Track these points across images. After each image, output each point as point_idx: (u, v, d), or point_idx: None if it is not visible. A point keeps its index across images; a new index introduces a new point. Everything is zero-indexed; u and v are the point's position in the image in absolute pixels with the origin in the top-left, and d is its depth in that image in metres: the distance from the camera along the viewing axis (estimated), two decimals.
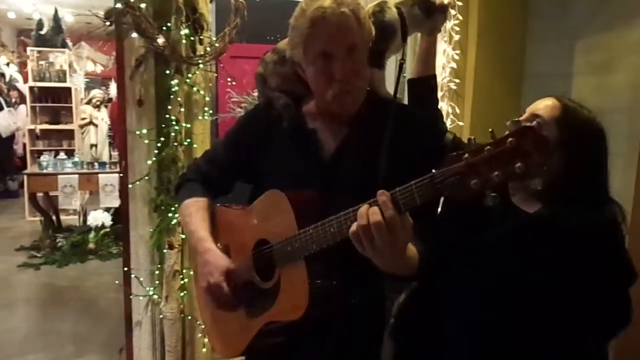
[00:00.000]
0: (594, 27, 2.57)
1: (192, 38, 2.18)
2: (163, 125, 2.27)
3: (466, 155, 0.79)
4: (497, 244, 1.22)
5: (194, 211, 1.26)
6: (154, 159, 2.28)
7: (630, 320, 1.21)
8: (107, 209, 5.15)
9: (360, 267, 0.99)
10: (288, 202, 1.08)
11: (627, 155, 2.19)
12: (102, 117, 5.75)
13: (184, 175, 1.40)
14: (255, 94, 2.79)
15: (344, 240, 0.94)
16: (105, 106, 5.85)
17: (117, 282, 2.51)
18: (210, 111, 2.42)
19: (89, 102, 5.76)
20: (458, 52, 2.84)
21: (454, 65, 2.84)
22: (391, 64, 1.46)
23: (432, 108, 1.53)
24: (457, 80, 2.86)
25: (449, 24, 2.81)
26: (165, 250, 2.32)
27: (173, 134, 2.25)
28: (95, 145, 5.57)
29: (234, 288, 1.14)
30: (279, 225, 1.09)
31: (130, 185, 2.29)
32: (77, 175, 4.92)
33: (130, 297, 2.40)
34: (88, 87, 6.98)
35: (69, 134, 6.72)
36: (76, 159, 5.25)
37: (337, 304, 1.10)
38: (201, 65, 2.27)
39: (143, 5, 2.06)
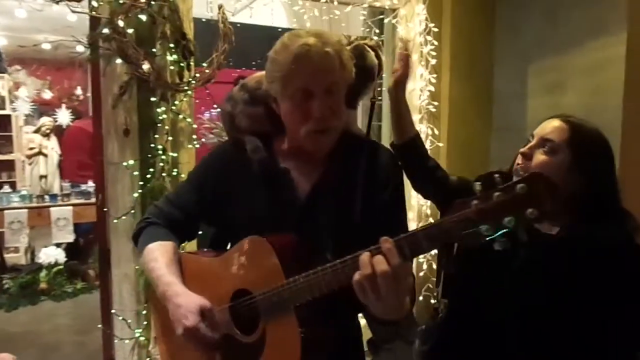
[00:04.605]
0: (545, 51, 2.74)
1: (181, 64, 2.10)
2: (149, 155, 2.15)
3: (475, 201, 0.77)
4: (526, 268, 1.20)
5: (159, 255, 1.14)
6: (139, 191, 2.15)
7: None
8: (58, 245, 4.80)
9: (343, 308, 0.95)
10: (272, 249, 1.00)
11: None
12: (52, 147, 5.40)
13: (144, 219, 1.24)
14: None
15: (340, 288, 0.90)
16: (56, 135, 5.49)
17: (98, 325, 2.31)
18: (202, 140, 2.33)
19: (37, 131, 5.39)
20: (435, 75, 2.91)
21: (432, 88, 2.91)
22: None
23: (425, 170, 1.48)
24: (436, 103, 2.92)
25: (425, 49, 2.88)
26: None
27: (161, 164, 2.14)
28: (45, 177, 5.21)
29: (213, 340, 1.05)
30: (263, 274, 1.02)
31: (115, 221, 2.14)
32: (26, 210, 4.57)
33: (115, 340, 2.23)
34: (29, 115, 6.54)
35: (9, 165, 6.24)
36: (24, 192, 4.88)
37: (328, 351, 1.04)
38: (189, 92, 2.19)
39: (130, 31, 1.96)
